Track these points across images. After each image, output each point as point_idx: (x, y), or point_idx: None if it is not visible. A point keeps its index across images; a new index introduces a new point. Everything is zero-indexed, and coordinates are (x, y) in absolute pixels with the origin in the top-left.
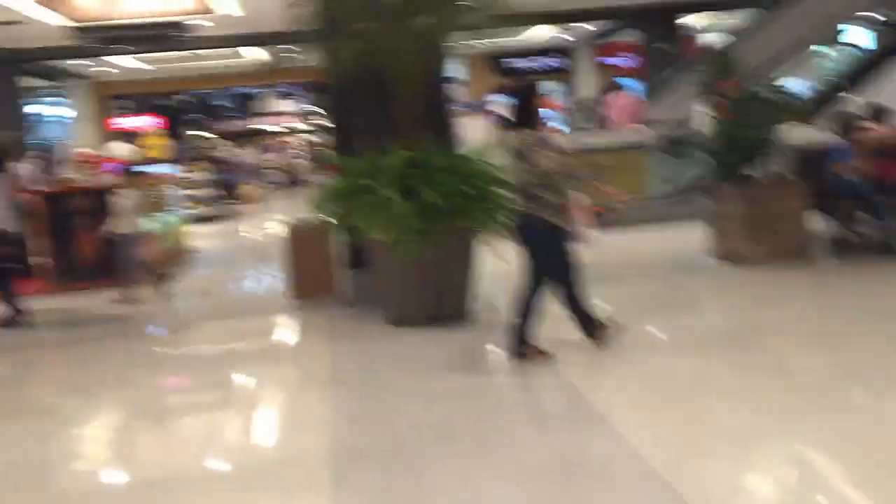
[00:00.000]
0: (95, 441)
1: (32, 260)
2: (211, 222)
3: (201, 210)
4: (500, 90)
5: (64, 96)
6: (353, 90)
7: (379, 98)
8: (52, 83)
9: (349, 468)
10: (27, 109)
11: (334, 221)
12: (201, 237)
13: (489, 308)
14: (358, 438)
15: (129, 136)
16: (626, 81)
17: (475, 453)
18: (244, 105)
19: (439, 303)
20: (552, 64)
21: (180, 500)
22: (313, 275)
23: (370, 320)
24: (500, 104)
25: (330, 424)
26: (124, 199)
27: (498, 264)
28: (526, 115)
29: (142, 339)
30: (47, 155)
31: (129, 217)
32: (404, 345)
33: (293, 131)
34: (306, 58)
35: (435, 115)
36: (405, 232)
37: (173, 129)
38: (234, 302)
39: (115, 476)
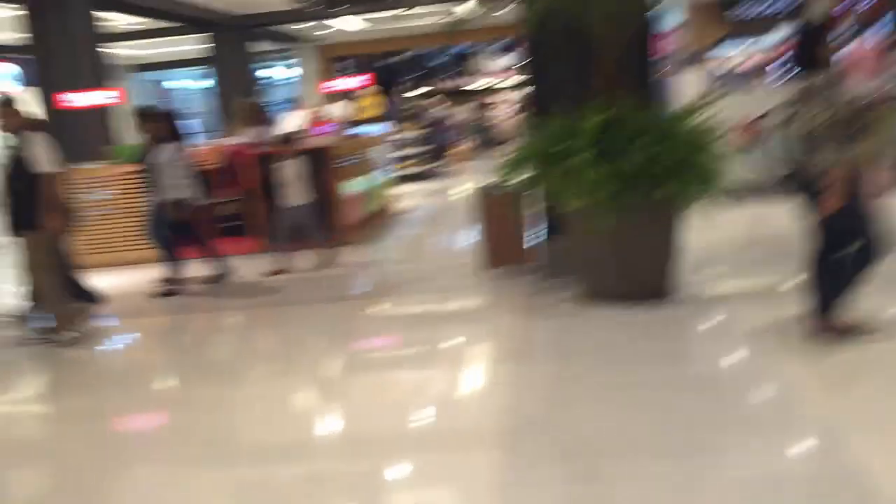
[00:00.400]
0: (295, 398)
1: (239, 221)
2: (420, 181)
3: (411, 169)
4: (726, 38)
5: (290, 59)
6: (550, 46)
7: (578, 54)
8: (280, 47)
9: (524, 462)
10: (257, 73)
11: (527, 186)
12: (409, 196)
13: (693, 285)
14: (539, 426)
15: (346, 96)
16: (867, 28)
17: (664, 465)
18: (459, 63)
19: (638, 278)
20: (784, 9)
21: (372, 453)
22: (506, 241)
23: (563, 293)
24: (730, 54)
25: (514, 405)
26: (287, 169)
27: (706, 238)
28: (811, 58)
29: (341, 302)
30: (270, 117)
31: (296, 186)
32: (599, 324)
33: (505, 90)
34: (509, 12)
35: (638, 72)
36: (600, 200)
37: (388, 89)
38: (433, 266)
39: (314, 431)
